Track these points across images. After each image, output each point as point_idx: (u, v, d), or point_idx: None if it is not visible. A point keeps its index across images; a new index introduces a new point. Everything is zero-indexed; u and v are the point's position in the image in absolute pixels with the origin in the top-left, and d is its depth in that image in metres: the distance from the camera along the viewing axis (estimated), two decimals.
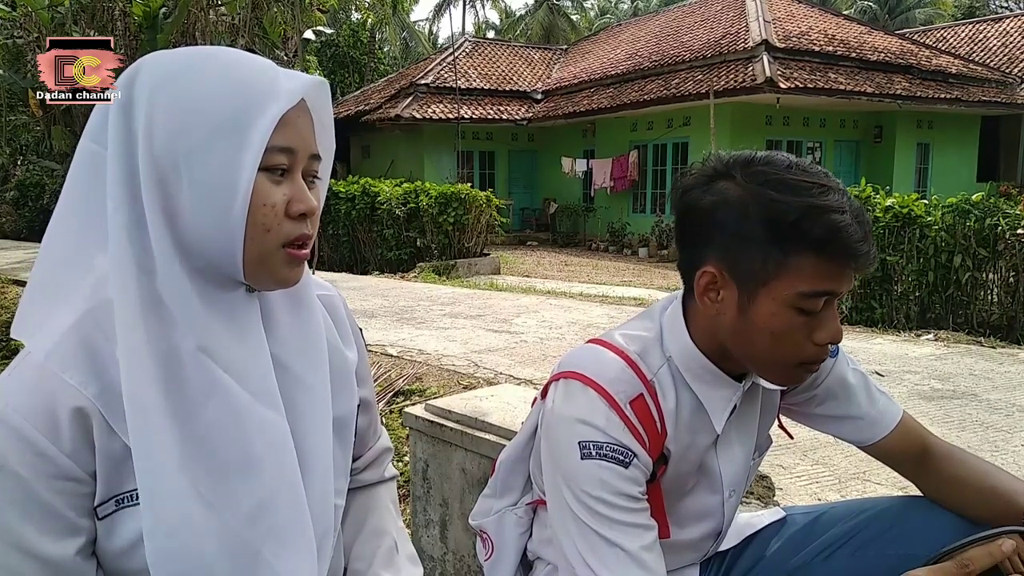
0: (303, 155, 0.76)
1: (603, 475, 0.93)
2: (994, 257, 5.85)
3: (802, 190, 0.87)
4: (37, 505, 0.68)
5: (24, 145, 17.31)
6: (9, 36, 13.76)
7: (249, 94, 0.72)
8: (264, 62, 0.76)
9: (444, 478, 2.04)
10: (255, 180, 0.71)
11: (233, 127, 0.71)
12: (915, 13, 31.58)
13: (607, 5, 41.56)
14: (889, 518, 1.12)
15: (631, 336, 1.03)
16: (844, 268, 0.88)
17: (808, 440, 2.75)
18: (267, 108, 0.72)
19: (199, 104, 0.71)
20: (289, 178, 0.75)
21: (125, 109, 0.72)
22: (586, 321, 5.86)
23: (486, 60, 19.60)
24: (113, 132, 0.72)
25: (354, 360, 0.94)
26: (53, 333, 0.71)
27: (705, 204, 0.93)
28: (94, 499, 0.71)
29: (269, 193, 0.73)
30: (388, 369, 3.95)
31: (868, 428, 1.11)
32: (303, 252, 0.77)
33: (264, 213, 0.73)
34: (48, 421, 0.68)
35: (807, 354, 0.92)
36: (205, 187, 0.71)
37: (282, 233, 0.74)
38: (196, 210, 0.71)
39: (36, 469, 0.68)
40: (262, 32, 13.71)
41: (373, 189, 11.28)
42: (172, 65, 0.73)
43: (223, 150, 0.71)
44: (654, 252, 14.46)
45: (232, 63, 0.74)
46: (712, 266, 0.93)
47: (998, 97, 15.82)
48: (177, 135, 0.70)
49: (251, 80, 0.73)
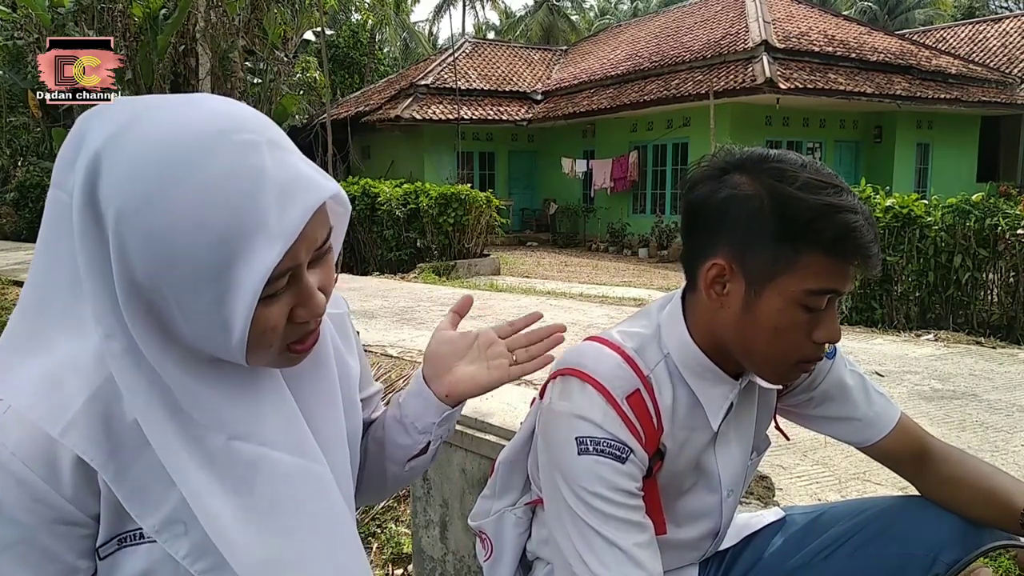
0: (309, 255, 0.67)
1: (600, 471, 0.93)
2: (994, 257, 5.85)
3: (818, 189, 0.88)
4: (36, 551, 0.66)
5: (24, 146, 17.31)
6: (9, 37, 13.77)
7: (233, 237, 0.60)
8: (253, 174, 0.61)
9: (444, 478, 2.04)
10: (254, 311, 0.63)
11: (219, 275, 0.61)
12: (915, 13, 31.60)
13: (607, 6, 41.57)
14: (889, 518, 1.12)
15: (628, 333, 1.03)
16: (850, 268, 0.90)
17: (808, 440, 2.75)
18: (257, 253, 0.60)
19: (175, 248, 0.60)
20: (292, 286, 0.67)
21: (91, 208, 0.61)
22: (586, 322, 5.86)
23: (486, 61, 19.61)
24: (82, 236, 0.62)
25: (358, 371, 0.94)
26: (63, 408, 0.67)
27: (718, 197, 0.94)
28: (95, 540, 0.70)
29: (268, 318, 0.66)
30: (388, 370, 3.95)
31: (866, 429, 1.11)
32: (309, 344, 0.74)
33: (264, 337, 0.67)
34: (48, 466, 0.66)
35: (805, 352, 0.93)
36: (200, 322, 0.64)
37: (285, 339, 0.70)
38: (194, 335, 0.65)
39: (35, 514, 0.65)
40: (262, 32, 13.72)
41: (373, 190, 11.29)
42: (138, 184, 0.59)
43: (211, 293, 0.62)
44: (654, 252, 14.47)
45: (215, 179, 0.59)
46: (722, 259, 0.93)
47: (998, 97, 15.82)
48: (158, 272, 0.61)
49: (234, 216, 0.60)
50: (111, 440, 0.68)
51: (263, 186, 0.61)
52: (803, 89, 12.89)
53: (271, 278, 0.62)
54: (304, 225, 0.63)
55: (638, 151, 15.90)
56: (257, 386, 0.74)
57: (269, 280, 0.62)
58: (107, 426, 0.68)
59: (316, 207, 0.64)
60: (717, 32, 15.69)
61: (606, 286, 9.48)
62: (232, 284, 0.61)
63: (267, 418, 0.74)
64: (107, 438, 0.67)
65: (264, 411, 0.74)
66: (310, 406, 0.80)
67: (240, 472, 0.71)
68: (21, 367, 0.68)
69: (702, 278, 0.96)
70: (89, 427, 0.66)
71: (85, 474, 0.67)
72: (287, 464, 0.74)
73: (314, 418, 0.80)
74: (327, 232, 0.69)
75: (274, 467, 0.73)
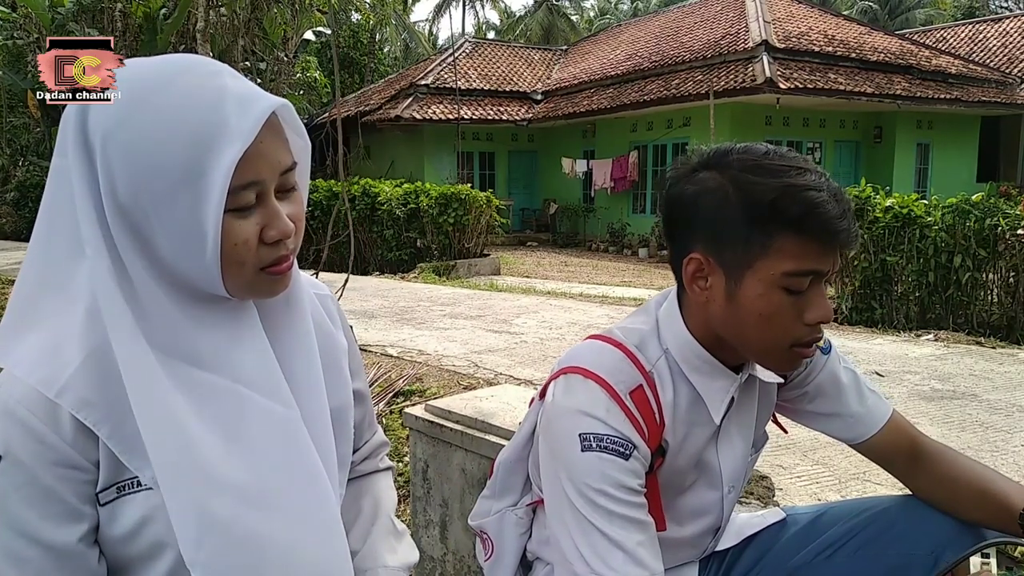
0: (273, 178, 0.74)
1: (604, 467, 0.94)
2: (994, 257, 5.84)
3: (779, 172, 0.90)
4: (40, 491, 0.70)
5: (24, 146, 17.31)
6: (9, 37, 13.78)
7: (201, 139, 0.68)
8: (218, 88, 0.71)
9: (444, 478, 2.04)
10: (223, 222, 0.70)
11: (191, 176, 0.68)
12: (915, 13, 31.61)
13: (607, 6, 41.56)
14: (889, 518, 1.12)
15: (628, 329, 1.04)
16: (826, 246, 0.90)
17: (808, 440, 2.75)
18: (222, 152, 0.68)
19: (152, 157, 0.68)
20: (260, 206, 0.73)
21: (83, 145, 0.71)
22: (586, 321, 5.86)
23: (486, 61, 19.61)
24: (76, 169, 0.71)
25: (344, 346, 0.95)
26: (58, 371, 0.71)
27: (687, 194, 0.96)
28: (96, 486, 0.73)
29: (239, 231, 0.72)
30: (388, 370, 3.95)
31: (857, 426, 1.12)
32: (283, 267, 0.77)
33: (237, 251, 0.72)
34: (49, 413, 0.70)
35: (798, 335, 0.94)
36: (176, 234, 0.70)
37: (260, 260, 0.74)
38: (172, 252, 0.72)
39: (39, 456, 0.69)
40: (262, 32, 13.71)
41: (373, 190, 11.29)
42: (119, 106, 0.70)
43: (185, 199, 0.69)
44: (654, 252, 14.46)
45: (182, 96, 0.69)
46: (698, 253, 0.95)
47: (998, 97, 15.82)
48: (140, 185, 0.69)
49: (202, 119, 0.69)
50: (106, 399, 0.71)
51: (224, 97, 0.70)
52: (803, 89, 12.88)
53: (237, 188, 0.69)
54: (260, 127, 0.70)
55: (638, 151, 15.90)
56: (236, 324, 0.78)
57: (236, 190, 0.69)
58: (102, 387, 0.71)
59: (269, 111, 0.71)
60: (717, 32, 15.69)
61: (606, 286, 9.48)
62: (203, 190, 0.68)
63: (243, 357, 0.77)
64: (102, 398, 0.71)
65: (240, 350, 0.78)
66: (285, 350, 0.83)
67: (214, 403, 0.74)
68: (23, 339, 0.73)
69: (684, 274, 0.98)
70: (84, 388, 0.71)
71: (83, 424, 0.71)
72: (258, 403, 0.77)
73: (289, 362, 0.82)
74: (290, 161, 0.76)
75: (245, 403, 0.76)
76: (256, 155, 0.71)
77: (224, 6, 12.38)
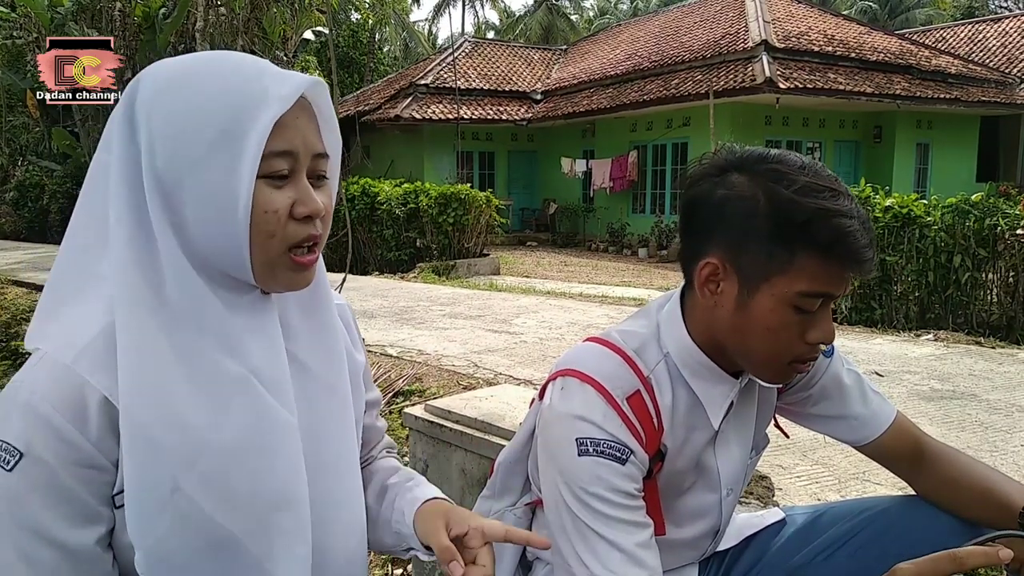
0: (305, 156, 0.76)
1: (600, 472, 0.93)
2: (994, 257, 5.85)
3: (814, 192, 0.88)
4: (59, 492, 0.69)
5: (24, 146, 17.31)
6: (9, 37, 13.77)
7: (242, 103, 0.71)
8: (259, 67, 0.75)
9: (444, 478, 2.04)
10: (255, 187, 0.71)
11: (229, 138, 0.71)
12: (915, 13, 31.61)
13: (606, 5, 41.54)
14: (889, 518, 1.12)
15: (628, 333, 1.04)
16: (845, 272, 0.90)
17: (808, 440, 2.75)
18: (260, 115, 0.71)
19: (194, 116, 0.71)
20: (293, 181, 0.75)
21: (128, 121, 0.73)
22: (586, 321, 5.86)
23: (486, 60, 19.60)
24: (118, 145, 0.73)
25: (363, 362, 0.97)
26: (77, 339, 0.72)
27: (715, 196, 0.94)
28: (113, 488, 0.72)
29: (271, 199, 0.73)
30: (388, 369, 3.95)
31: (862, 428, 1.12)
32: (309, 258, 0.77)
33: (267, 220, 0.73)
34: (76, 409, 0.69)
35: (798, 352, 0.93)
36: (208, 199, 0.71)
37: (287, 236, 0.74)
38: (201, 220, 0.72)
39: (61, 456, 0.69)
40: (262, 32, 13.71)
41: (373, 189, 11.28)
42: (168, 76, 0.74)
43: (221, 161, 0.71)
44: (654, 252, 14.46)
45: (226, 71, 0.74)
46: (715, 257, 0.94)
47: (997, 97, 15.81)
48: (178, 149, 0.71)
49: (243, 88, 0.72)
50: None
51: (264, 71, 0.75)
52: (803, 89, 12.88)
53: (271, 154, 0.72)
54: (298, 93, 0.74)
55: (638, 151, 15.89)
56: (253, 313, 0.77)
57: (269, 156, 0.72)
58: None
59: (306, 85, 0.75)
60: (717, 32, 15.69)
61: (606, 286, 9.48)
62: (239, 151, 0.71)
63: (251, 347, 0.76)
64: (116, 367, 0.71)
65: (252, 338, 0.77)
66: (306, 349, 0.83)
67: (219, 386, 0.73)
68: (54, 320, 0.75)
69: (696, 276, 0.96)
70: (100, 353, 0.71)
71: (109, 417, 0.70)
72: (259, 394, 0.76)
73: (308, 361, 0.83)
74: (322, 148, 0.78)
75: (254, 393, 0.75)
76: (291, 126, 0.74)
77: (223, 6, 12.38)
